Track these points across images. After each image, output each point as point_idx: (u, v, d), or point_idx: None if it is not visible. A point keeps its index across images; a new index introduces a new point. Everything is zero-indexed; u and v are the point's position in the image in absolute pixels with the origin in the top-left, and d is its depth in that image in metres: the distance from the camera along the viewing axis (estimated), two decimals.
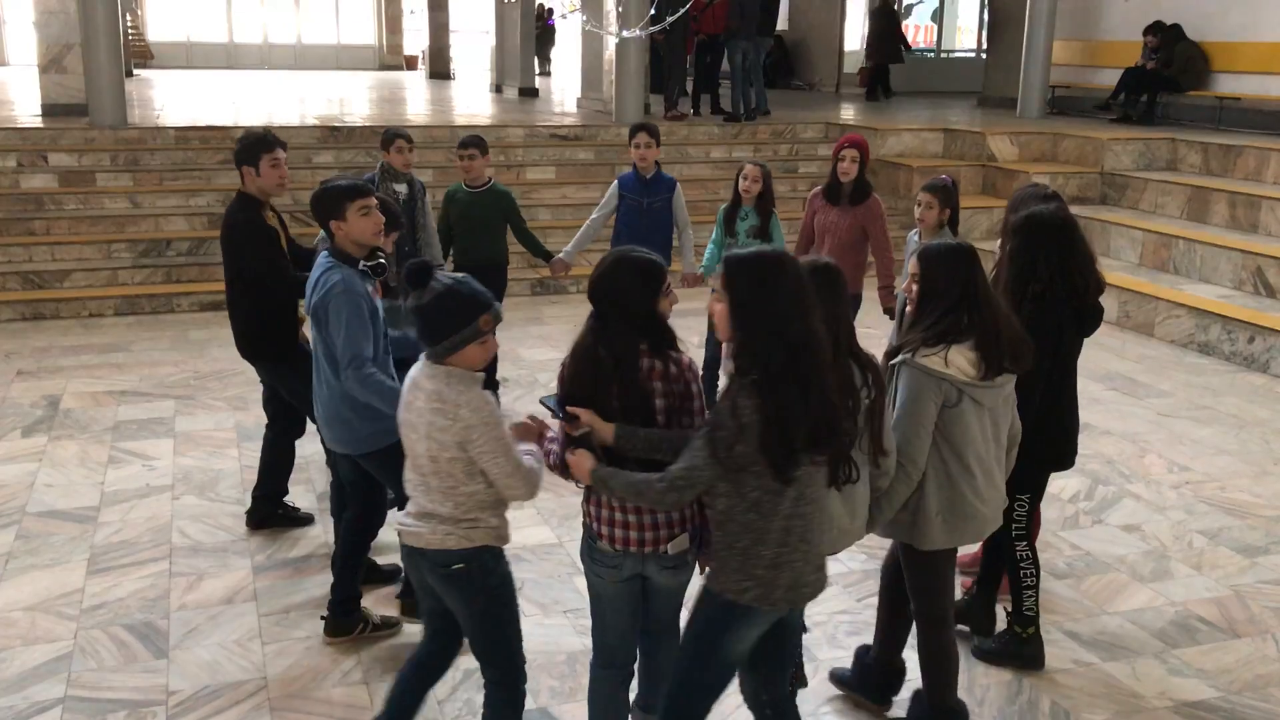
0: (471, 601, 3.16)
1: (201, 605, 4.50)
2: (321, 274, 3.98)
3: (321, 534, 5.12)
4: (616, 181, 6.82)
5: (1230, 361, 8.15)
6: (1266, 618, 4.57)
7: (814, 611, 4.49)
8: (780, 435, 2.71)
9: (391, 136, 6.42)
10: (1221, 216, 10.02)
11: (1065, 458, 4.13)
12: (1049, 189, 4.40)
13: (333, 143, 11.44)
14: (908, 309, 3.57)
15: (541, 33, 25.58)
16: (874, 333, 5.99)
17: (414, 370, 3.13)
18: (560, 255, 6.76)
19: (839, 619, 4.48)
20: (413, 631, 4.21)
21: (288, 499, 5.28)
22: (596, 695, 3.35)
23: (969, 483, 3.41)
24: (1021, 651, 4.11)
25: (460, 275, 3.16)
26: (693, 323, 6.39)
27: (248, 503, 5.25)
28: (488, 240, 6.67)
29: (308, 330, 4.21)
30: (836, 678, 3.98)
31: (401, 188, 6.32)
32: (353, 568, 4.29)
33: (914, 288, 3.44)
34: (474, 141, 6.61)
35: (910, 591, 3.65)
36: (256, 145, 4.83)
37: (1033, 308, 3.77)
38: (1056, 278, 3.79)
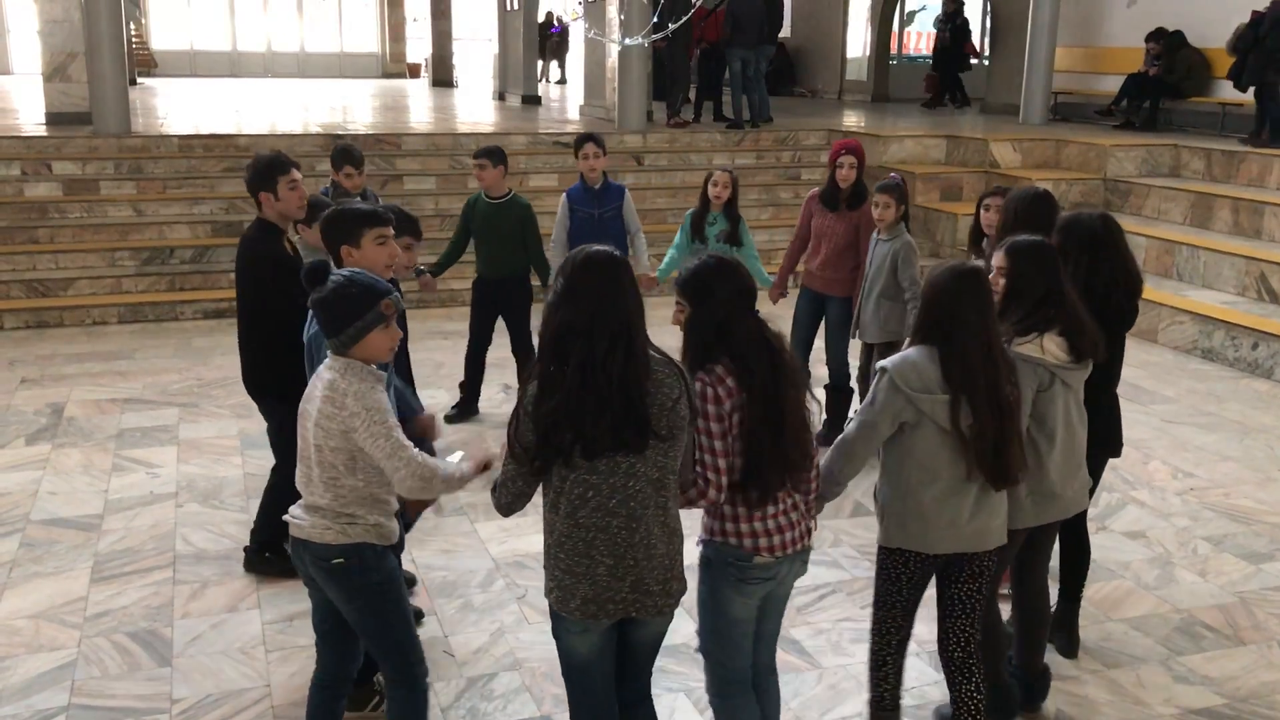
0: (353, 599, 3.14)
1: (205, 613, 4.50)
2: None
3: None
4: (565, 196, 6.83)
5: (1234, 368, 8.14)
6: (1271, 624, 4.56)
7: (818, 619, 4.50)
8: (549, 425, 2.65)
9: (340, 160, 6.21)
10: (1225, 222, 10.02)
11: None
12: (1041, 189, 4.45)
13: None
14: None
15: (558, 41, 25.68)
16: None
17: (321, 365, 3.13)
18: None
19: (843, 626, 4.46)
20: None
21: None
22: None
23: (1054, 463, 3.54)
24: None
25: (354, 269, 3.18)
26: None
27: (252, 510, 5.24)
28: (510, 252, 6.66)
29: None
30: None
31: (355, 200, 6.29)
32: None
33: (1000, 281, 3.52)
34: (483, 153, 6.60)
35: None
36: (272, 168, 4.48)
37: None
38: (1075, 280, 3.82)
